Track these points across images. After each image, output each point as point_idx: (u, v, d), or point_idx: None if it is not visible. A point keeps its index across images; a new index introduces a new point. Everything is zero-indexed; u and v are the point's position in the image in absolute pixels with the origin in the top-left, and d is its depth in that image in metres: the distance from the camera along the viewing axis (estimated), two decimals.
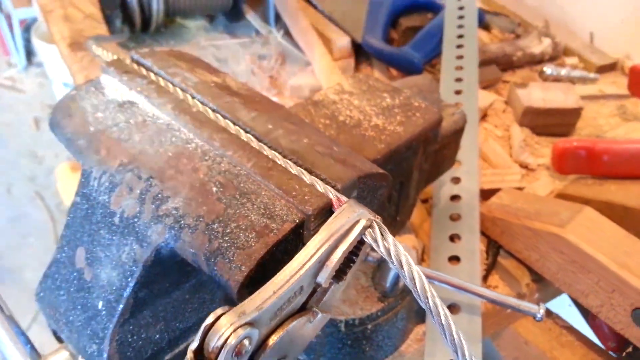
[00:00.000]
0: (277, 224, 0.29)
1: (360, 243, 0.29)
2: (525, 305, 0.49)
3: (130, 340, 0.33)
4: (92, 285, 0.33)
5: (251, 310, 0.24)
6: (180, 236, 0.30)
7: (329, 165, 0.32)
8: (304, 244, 0.28)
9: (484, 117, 0.84)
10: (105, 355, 0.32)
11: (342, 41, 0.90)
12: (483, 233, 0.64)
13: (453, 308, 0.55)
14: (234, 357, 0.24)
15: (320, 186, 0.30)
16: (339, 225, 0.27)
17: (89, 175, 0.34)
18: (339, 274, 0.29)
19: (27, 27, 2.64)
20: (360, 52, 0.94)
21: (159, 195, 0.31)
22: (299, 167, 0.32)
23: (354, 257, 0.29)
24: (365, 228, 0.28)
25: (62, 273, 0.35)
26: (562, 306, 0.72)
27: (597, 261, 0.54)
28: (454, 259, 0.59)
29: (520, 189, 0.71)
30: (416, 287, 0.27)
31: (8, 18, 2.58)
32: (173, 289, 0.34)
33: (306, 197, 0.29)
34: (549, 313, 0.67)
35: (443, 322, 0.27)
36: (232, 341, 0.23)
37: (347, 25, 0.95)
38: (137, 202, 0.32)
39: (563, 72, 0.94)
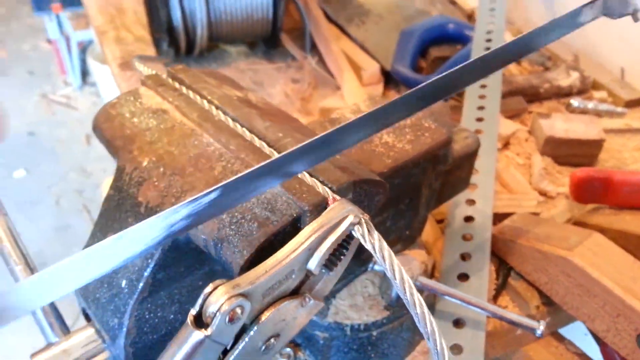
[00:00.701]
0: (277, 216, 0.33)
1: (349, 238, 0.33)
2: (525, 320, 0.51)
3: (147, 317, 0.37)
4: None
5: (245, 284, 0.28)
6: None
7: (329, 170, 0.36)
8: None
9: (506, 145, 0.87)
10: (124, 329, 0.37)
11: (372, 68, 0.94)
12: (495, 254, 0.65)
13: (458, 323, 0.57)
14: (228, 322, 0.28)
15: (319, 187, 0.34)
16: (329, 218, 0.31)
17: (122, 171, 0.39)
18: (330, 264, 0.33)
19: (84, 48, 2.83)
20: (389, 79, 0.98)
21: (179, 189, 0.36)
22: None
23: (344, 251, 0.33)
24: (353, 224, 0.32)
25: None
26: (579, 335, 0.72)
27: (602, 285, 0.55)
28: (463, 276, 0.61)
29: (535, 214, 0.72)
30: (395, 278, 0.30)
31: (67, 40, 2.76)
32: (187, 274, 0.38)
33: (304, 195, 0.33)
34: (560, 339, 0.67)
35: (418, 311, 0.30)
36: (226, 307, 0.27)
37: (378, 54, 1.00)
38: (160, 195, 0.36)
39: (590, 105, 0.96)
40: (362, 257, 0.53)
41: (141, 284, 0.36)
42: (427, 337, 0.30)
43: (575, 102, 0.96)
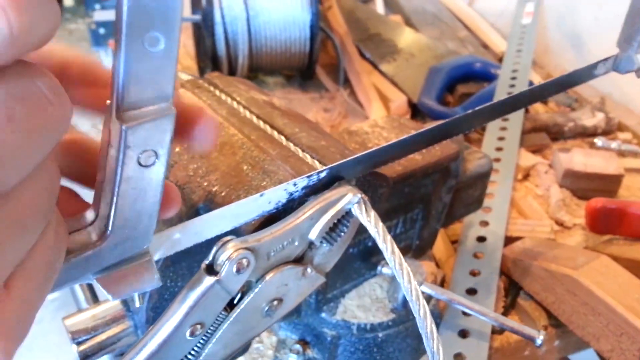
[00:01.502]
0: None
1: (349, 216, 0.36)
2: (526, 329, 0.53)
3: (168, 284, 0.42)
4: None
5: (252, 241, 0.32)
6: (214, 199, 0.39)
7: (336, 159, 0.40)
8: None
9: (526, 176, 0.89)
10: (147, 294, 0.41)
11: (399, 99, 0.99)
12: (505, 274, 0.67)
13: (463, 333, 0.59)
14: (235, 272, 0.32)
15: None
16: (330, 195, 0.35)
17: None
18: (330, 238, 0.37)
19: None
20: (416, 112, 1.02)
21: (205, 170, 0.41)
22: (312, 159, 0.40)
23: (345, 229, 0.37)
24: (353, 202, 0.36)
25: None
26: None
27: (606, 304, 0.56)
28: (472, 291, 0.63)
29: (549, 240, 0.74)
30: (394, 261, 0.34)
31: None
32: (207, 249, 0.42)
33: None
34: None
35: (414, 294, 0.33)
36: (234, 256, 0.31)
37: (406, 88, 1.05)
38: (188, 175, 0.41)
39: (613, 144, 0.97)
40: (372, 260, 0.56)
41: None
42: (420, 325, 0.33)
43: (599, 141, 0.98)
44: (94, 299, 0.47)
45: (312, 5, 1.05)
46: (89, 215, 0.27)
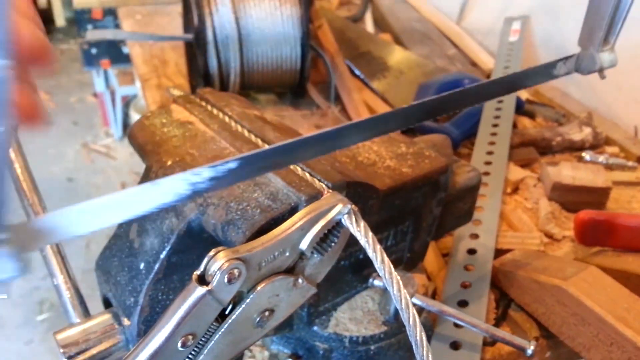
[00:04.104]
0: (277, 205, 0.37)
1: (339, 227, 0.37)
2: (517, 340, 0.53)
3: (160, 297, 0.42)
4: (138, 251, 0.42)
5: (243, 251, 0.33)
6: (206, 211, 0.39)
7: (327, 171, 0.41)
8: None
9: (515, 190, 0.90)
10: (139, 307, 0.41)
11: None
12: (495, 286, 0.68)
13: (455, 345, 0.59)
14: (227, 282, 0.32)
15: (316, 183, 0.39)
16: (321, 205, 0.36)
17: (150, 170, 0.45)
18: (321, 249, 0.37)
19: (127, 102, 3.01)
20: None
21: None
22: (303, 171, 0.41)
23: (335, 239, 0.37)
24: (343, 213, 0.36)
25: (118, 244, 0.45)
26: None
27: (595, 314, 0.57)
28: (463, 303, 0.63)
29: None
30: (384, 270, 0.34)
31: (112, 94, 2.95)
32: (198, 262, 0.42)
33: (302, 188, 0.38)
34: None
35: (403, 304, 0.34)
36: (225, 266, 0.32)
37: (396, 104, 1.07)
38: None
39: (601, 158, 0.99)
40: (363, 273, 0.57)
41: (157, 265, 0.40)
42: (410, 333, 0.33)
43: (587, 155, 0.99)
44: (85, 313, 0.47)
45: (302, 24, 1.06)
46: None
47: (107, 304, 0.48)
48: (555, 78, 0.49)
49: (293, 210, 0.38)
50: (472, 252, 0.70)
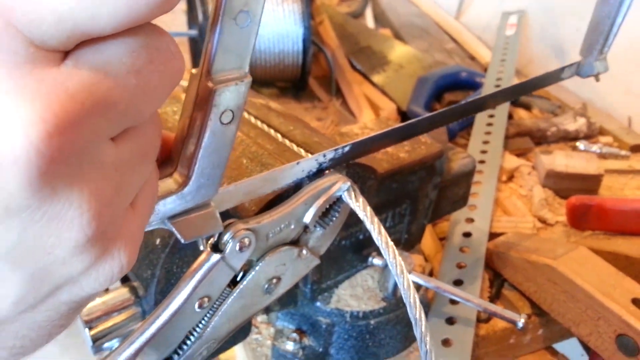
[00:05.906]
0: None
1: (340, 202, 0.40)
2: (508, 313, 0.56)
3: (175, 270, 0.45)
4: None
5: (252, 222, 0.36)
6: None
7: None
8: None
9: (510, 178, 0.93)
10: (155, 279, 0.45)
11: (389, 107, 1.04)
12: (490, 267, 0.71)
13: (450, 320, 0.63)
14: (238, 250, 0.35)
15: None
16: (323, 182, 0.39)
17: None
18: (323, 223, 0.40)
19: None
20: (405, 119, 1.07)
21: None
22: (306, 152, 0.44)
23: (336, 214, 0.41)
24: (343, 189, 0.39)
25: None
26: (575, 356, 0.76)
27: (584, 290, 0.60)
28: (458, 282, 0.67)
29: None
30: (382, 242, 0.38)
31: None
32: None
33: None
34: (554, 352, 0.71)
35: (398, 270, 0.37)
36: (237, 235, 0.35)
37: (396, 97, 1.10)
38: None
39: (594, 148, 1.02)
40: (363, 253, 0.60)
41: (172, 240, 0.44)
42: (411, 311, 0.37)
43: (581, 145, 1.03)
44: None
45: (304, 19, 1.09)
46: (167, 167, 0.30)
47: (123, 280, 0.51)
48: (562, 80, 0.55)
49: (297, 187, 0.41)
50: (467, 235, 0.73)
